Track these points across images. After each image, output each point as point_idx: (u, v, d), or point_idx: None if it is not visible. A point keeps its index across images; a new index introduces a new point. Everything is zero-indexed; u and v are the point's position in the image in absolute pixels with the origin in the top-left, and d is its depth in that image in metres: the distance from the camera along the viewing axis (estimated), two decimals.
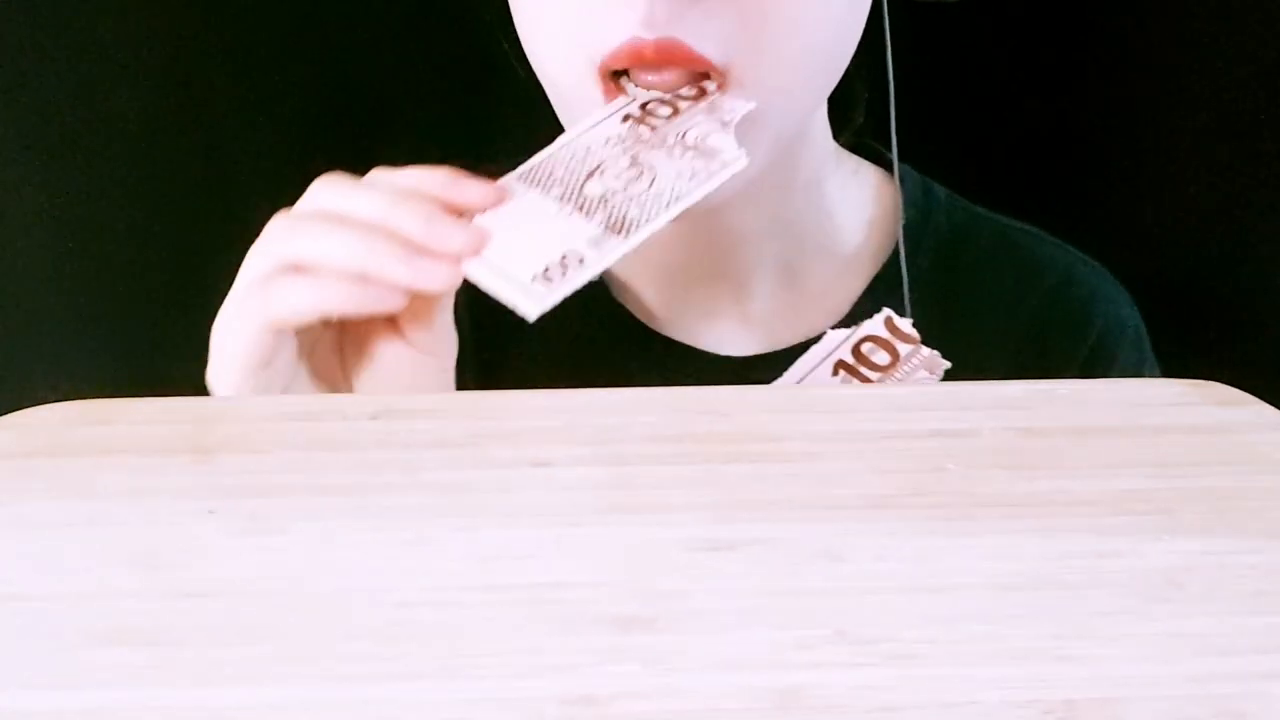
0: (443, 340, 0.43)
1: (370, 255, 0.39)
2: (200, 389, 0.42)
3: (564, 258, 0.38)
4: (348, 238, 0.39)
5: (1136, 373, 0.58)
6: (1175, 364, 0.58)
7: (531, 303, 0.38)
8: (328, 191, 0.41)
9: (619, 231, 0.39)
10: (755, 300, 0.57)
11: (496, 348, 0.54)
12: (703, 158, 0.42)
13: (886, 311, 0.43)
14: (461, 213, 0.41)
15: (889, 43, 0.50)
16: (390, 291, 0.39)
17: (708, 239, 0.54)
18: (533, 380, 0.43)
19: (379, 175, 0.42)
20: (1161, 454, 0.31)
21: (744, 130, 0.43)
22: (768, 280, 0.56)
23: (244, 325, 0.41)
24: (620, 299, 0.57)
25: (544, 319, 0.57)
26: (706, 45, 0.43)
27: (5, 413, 0.32)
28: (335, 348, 0.44)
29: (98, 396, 0.33)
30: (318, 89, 0.68)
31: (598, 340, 0.57)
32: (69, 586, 0.27)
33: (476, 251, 0.39)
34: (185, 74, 0.67)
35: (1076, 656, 0.25)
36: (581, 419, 0.32)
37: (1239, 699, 0.25)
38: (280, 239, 0.41)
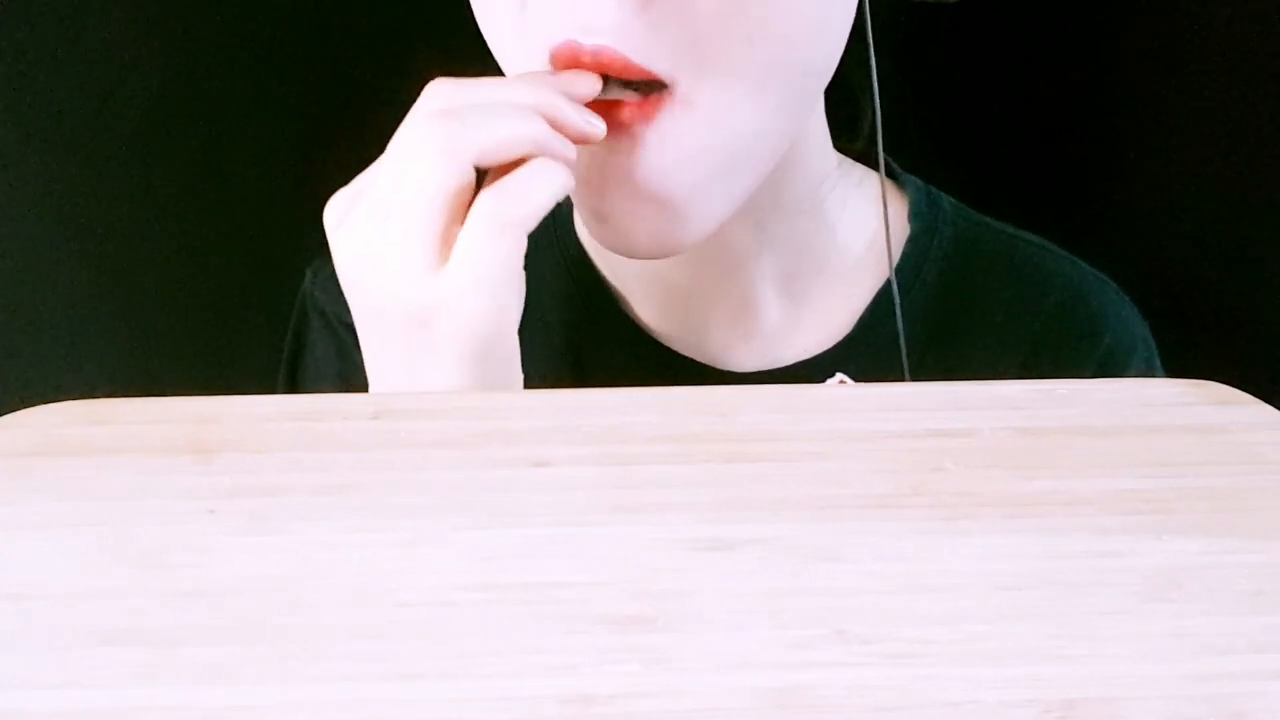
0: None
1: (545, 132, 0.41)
2: (199, 389, 0.42)
3: None
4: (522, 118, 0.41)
5: None
6: (1175, 364, 0.58)
7: None
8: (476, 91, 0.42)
9: None
10: (756, 318, 0.56)
11: None
12: None
13: (840, 376, 0.44)
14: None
15: (872, 50, 0.49)
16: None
17: (701, 258, 0.53)
18: (536, 386, 0.43)
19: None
20: (1161, 454, 0.31)
21: (691, 144, 0.43)
22: (767, 297, 0.56)
23: (498, 237, 0.40)
24: (628, 311, 0.57)
25: (551, 327, 0.57)
26: (651, 58, 0.41)
27: (5, 413, 0.32)
28: None
29: (98, 396, 0.33)
30: (318, 88, 0.68)
31: (604, 350, 0.56)
32: (69, 586, 0.27)
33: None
34: (186, 73, 0.68)
35: (1076, 656, 0.25)
36: (581, 419, 0.32)
37: (1239, 699, 0.25)
38: (454, 154, 0.40)
